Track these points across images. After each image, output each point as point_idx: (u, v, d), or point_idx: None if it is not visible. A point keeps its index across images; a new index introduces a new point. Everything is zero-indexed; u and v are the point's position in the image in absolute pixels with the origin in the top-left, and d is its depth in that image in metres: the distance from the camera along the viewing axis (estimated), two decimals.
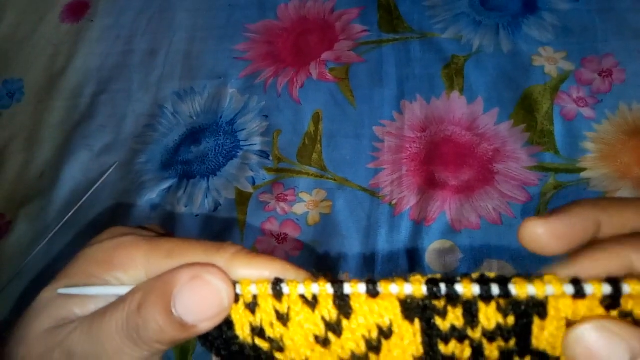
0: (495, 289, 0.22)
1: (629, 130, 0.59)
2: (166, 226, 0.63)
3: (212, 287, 0.23)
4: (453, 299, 0.23)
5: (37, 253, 0.63)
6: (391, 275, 0.24)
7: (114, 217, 0.65)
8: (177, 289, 0.23)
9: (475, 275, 0.23)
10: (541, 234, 0.24)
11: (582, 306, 0.22)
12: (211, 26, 0.78)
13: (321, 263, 0.58)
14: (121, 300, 0.24)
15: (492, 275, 0.23)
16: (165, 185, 0.66)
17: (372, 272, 0.56)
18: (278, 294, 0.24)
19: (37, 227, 0.66)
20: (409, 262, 0.56)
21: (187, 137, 0.69)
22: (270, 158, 0.65)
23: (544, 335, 0.23)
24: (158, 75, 0.75)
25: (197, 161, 0.67)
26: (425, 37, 0.70)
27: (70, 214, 0.65)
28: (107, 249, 0.26)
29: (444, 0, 0.73)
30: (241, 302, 0.24)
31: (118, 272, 0.25)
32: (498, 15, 0.70)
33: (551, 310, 0.22)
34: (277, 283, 0.24)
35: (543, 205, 0.56)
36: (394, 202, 0.60)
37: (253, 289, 0.24)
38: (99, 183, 0.67)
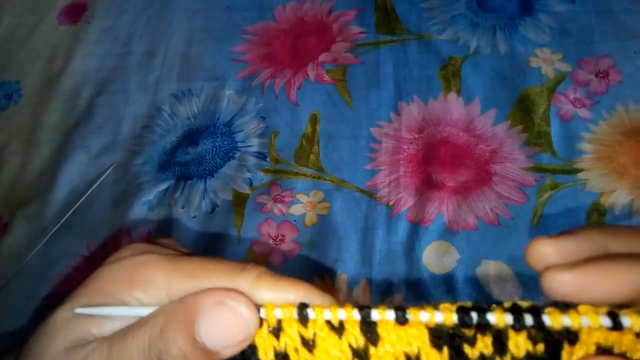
0: (529, 319, 0.22)
1: (625, 131, 0.59)
2: (163, 228, 0.63)
3: (236, 314, 0.23)
4: (484, 327, 0.22)
5: (34, 254, 0.63)
6: (389, 276, 0.23)
7: (111, 218, 0.65)
8: (201, 314, 0.23)
9: (507, 304, 0.22)
10: (549, 253, 0.23)
11: (614, 334, 0.21)
12: (209, 28, 0.78)
13: (318, 264, 0.58)
14: (142, 323, 0.24)
15: (524, 304, 0.22)
16: (163, 186, 0.66)
17: (370, 273, 0.56)
18: (304, 319, 0.23)
19: (34, 228, 0.66)
20: (407, 263, 0.56)
21: (185, 138, 0.69)
22: (268, 159, 0.65)
23: (572, 359, 0.22)
24: (156, 77, 0.75)
25: (195, 162, 0.67)
26: (423, 38, 0.70)
27: (67, 216, 0.65)
28: (127, 268, 0.26)
29: (441, 1, 0.73)
30: (265, 326, 0.24)
31: (138, 292, 0.25)
32: (495, 17, 0.70)
33: (583, 337, 0.22)
34: (302, 308, 0.23)
35: (540, 206, 0.56)
36: (391, 203, 0.60)
37: (278, 314, 0.23)
38: (96, 184, 0.67)
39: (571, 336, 0.22)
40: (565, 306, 0.22)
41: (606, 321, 0.21)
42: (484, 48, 0.68)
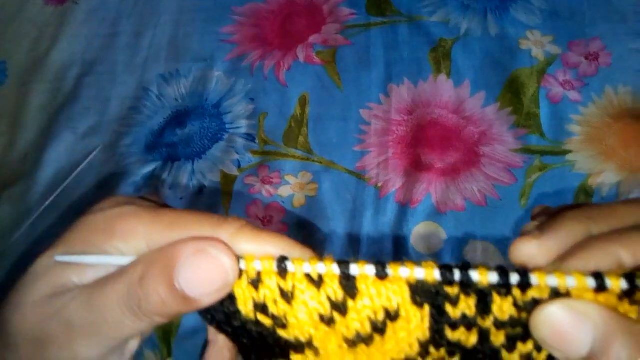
0: (514, 278, 0.22)
1: (614, 113, 0.59)
2: None
3: (216, 262, 0.23)
4: (468, 286, 0.22)
5: (20, 235, 0.63)
6: (377, 256, 0.23)
7: (98, 199, 0.64)
8: (181, 262, 0.23)
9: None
10: (534, 254, 0.24)
11: (600, 297, 0.22)
12: (198, 9, 0.77)
13: (306, 245, 0.57)
14: (123, 271, 0.24)
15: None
16: (150, 167, 0.65)
17: (357, 254, 0.56)
18: (283, 272, 0.23)
19: (20, 209, 0.65)
20: (394, 244, 0.56)
21: (172, 119, 0.68)
22: (256, 141, 0.65)
23: None
24: (143, 58, 0.74)
25: (182, 144, 0.66)
26: (413, 20, 0.70)
27: (53, 197, 0.64)
28: (108, 218, 0.25)
29: None
30: (244, 277, 0.24)
31: (118, 241, 0.25)
32: None
33: None
34: (282, 261, 0.23)
35: (528, 187, 0.56)
36: (379, 184, 0.59)
37: (257, 265, 0.23)
38: (82, 165, 0.66)
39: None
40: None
41: (591, 282, 0.21)
42: (474, 30, 0.67)
